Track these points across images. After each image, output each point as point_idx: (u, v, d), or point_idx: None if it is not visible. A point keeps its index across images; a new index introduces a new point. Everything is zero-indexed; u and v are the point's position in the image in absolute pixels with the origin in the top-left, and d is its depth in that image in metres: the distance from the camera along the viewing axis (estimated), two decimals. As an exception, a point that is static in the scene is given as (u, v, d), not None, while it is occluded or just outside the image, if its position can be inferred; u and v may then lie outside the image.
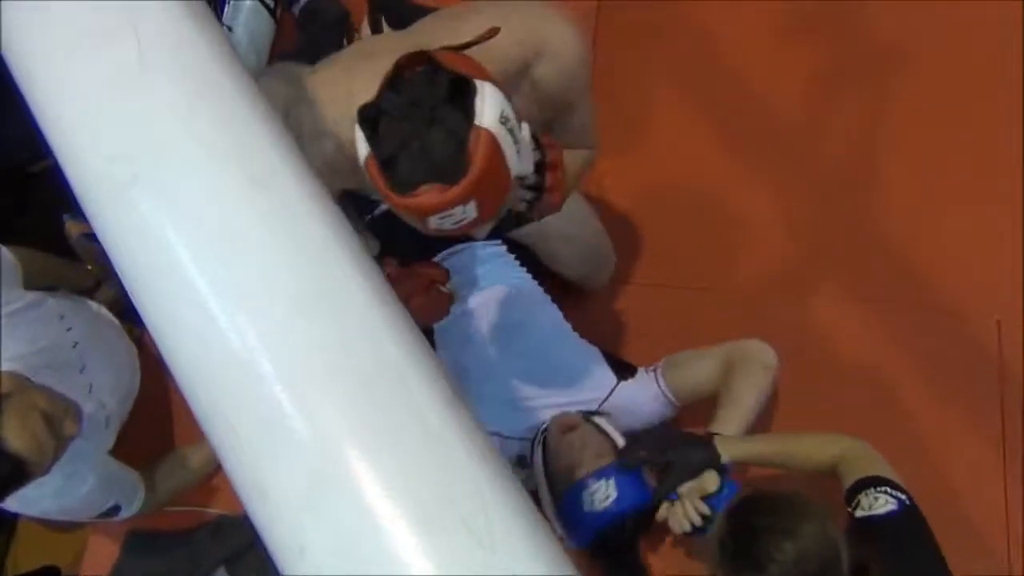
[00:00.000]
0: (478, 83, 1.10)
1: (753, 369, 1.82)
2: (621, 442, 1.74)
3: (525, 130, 1.19)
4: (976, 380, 2.05)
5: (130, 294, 0.69)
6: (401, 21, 2.16)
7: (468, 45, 1.18)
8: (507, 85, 1.17)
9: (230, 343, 0.64)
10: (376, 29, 2.22)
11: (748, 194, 2.21)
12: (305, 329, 0.65)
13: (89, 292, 1.96)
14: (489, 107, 1.09)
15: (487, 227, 1.27)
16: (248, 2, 2.23)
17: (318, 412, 0.64)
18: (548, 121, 1.46)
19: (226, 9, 2.21)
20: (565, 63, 1.36)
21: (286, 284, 0.65)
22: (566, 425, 1.75)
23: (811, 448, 1.66)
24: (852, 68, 2.31)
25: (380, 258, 1.57)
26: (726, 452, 1.66)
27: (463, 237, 1.63)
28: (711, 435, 1.71)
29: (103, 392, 1.78)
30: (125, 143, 0.67)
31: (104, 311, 1.93)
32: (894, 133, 2.25)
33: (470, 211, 1.11)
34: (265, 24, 2.25)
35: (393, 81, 1.11)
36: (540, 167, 1.32)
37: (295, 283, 0.66)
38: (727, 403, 1.79)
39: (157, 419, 2.05)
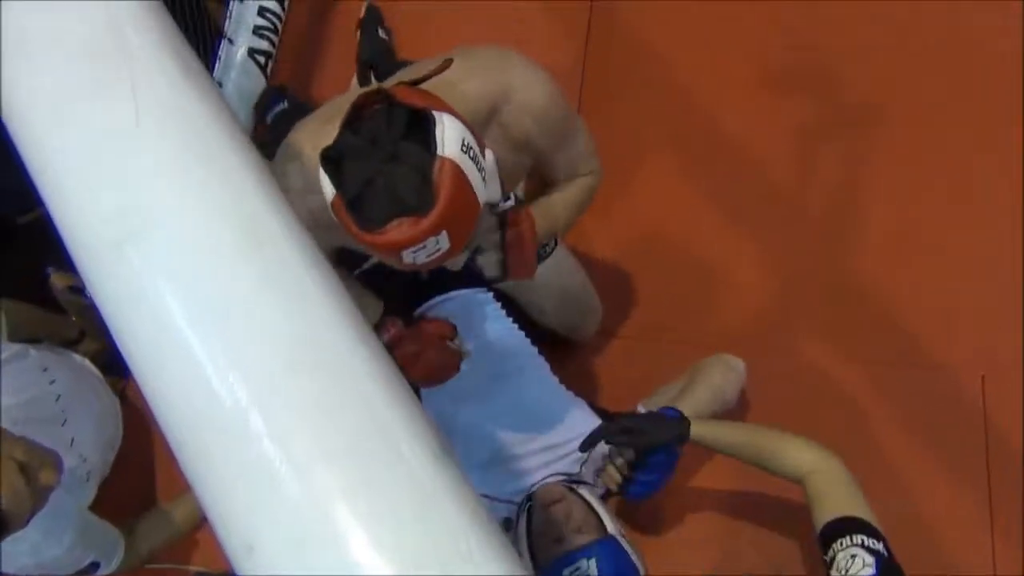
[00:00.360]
0: (436, 114, 1.11)
1: (714, 369, 1.89)
2: (606, 517, 1.71)
3: (489, 157, 1.19)
4: (962, 436, 2.06)
5: (121, 350, 0.69)
6: (389, 75, 2.21)
7: (424, 79, 1.20)
8: (475, 128, 1.19)
9: (222, 400, 0.64)
10: (364, 84, 2.26)
11: (733, 249, 2.24)
12: (297, 387, 0.65)
13: (73, 344, 1.95)
14: (450, 136, 1.10)
15: (462, 258, 1.27)
16: (239, 58, 2.26)
17: (308, 470, 0.63)
18: (531, 164, 1.48)
19: (217, 65, 2.23)
20: (533, 105, 1.38)
21: (279, 342, 0.65)
22: (550, 498, 1.72)
23: (782, 448, 1.61)
24: (833, 122, 2.35)
25: (383, 318, 1.57)
26: (698, 430, 1.65)
27: (449, 279, 1.64)
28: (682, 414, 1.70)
29: (85, 446, 1.76)
30: (120, 200, 0.67)
31: (88, 364, 1.92)
32: (875, 188, 2.28)
33: (443, 242, 1.12)
34: (255, 81, 2.27)
35: (352, 120, 1.13)
36: (502, 224, 1.34)
37: (288, 341, 0.66)
38: (680, 395, 1.84)
39: (139, 474, 2.02)
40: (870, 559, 1.43)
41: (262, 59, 2.30)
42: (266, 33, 2.31)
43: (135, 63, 0.74)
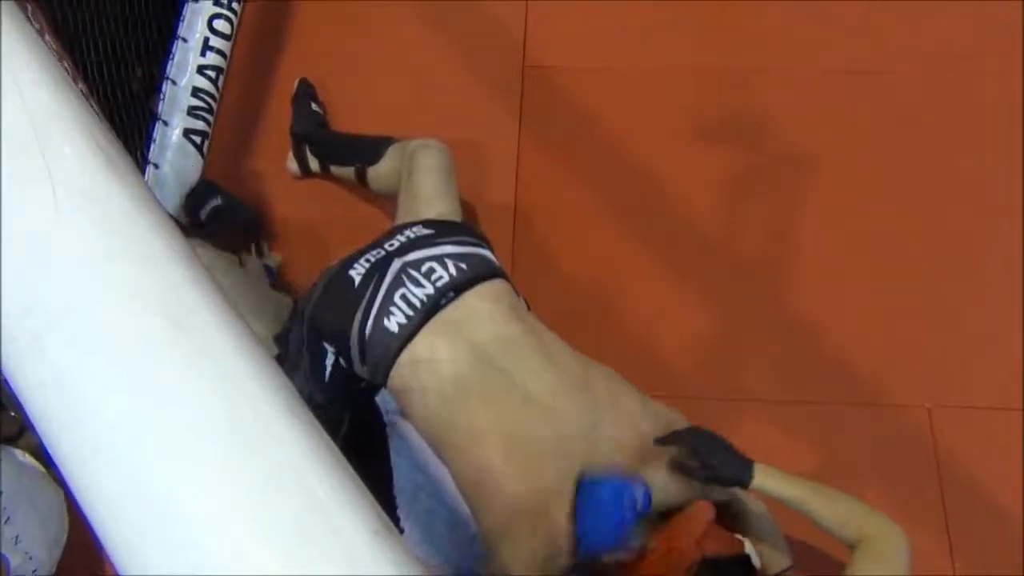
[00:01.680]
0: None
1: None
2: None
3: None
4: (914, 469, 2.08)
5: (46, 445, 0.67)
6: (328, 154, 2.22)
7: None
8: None
9: (154, 490, 0.63)
10: (299, 157, 2.27)
11: (677, 299, 2.27)
12: (232, 471, 0.64)
13: (13, 440, 1.90)
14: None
15: None
16: (175, 139, 2.26)
17: (243, 552, 0.62)
18: None
19: (152, 147, 2.23)
20: None
21: (210, 426, 0.64)
22: None
23: (844, 515, 1.54)
24: (765, 172, 2.41)
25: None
26: (761, 480, 1.57)
27: None
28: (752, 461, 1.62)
29: (30, 543, 1.70)
30: (39, 292, 0.66)
31: (29, 459, 1.86)
32: (808, 234, 2.34)
33: None
34: (192, 160, 2.27)
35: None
36: None
37: (220, 425, 0.65)
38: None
39: (87, 568, 1.96)
40: None
41: (198, 139, 2.30)
42: (201, 113, 2.32)
43: (52, 152, 0.74)
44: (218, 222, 2.15)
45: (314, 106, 2.34)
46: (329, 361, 1.72)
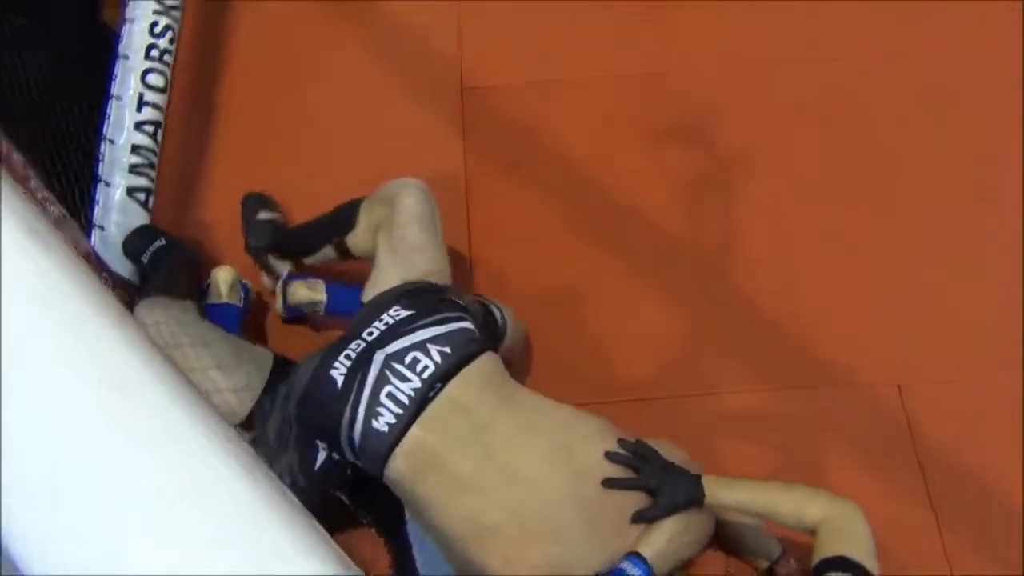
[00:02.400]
0: None
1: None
2: None
3: None
4: (890, 446, 2.10)
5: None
6: (298, 249, 2.16)
7: None
8: None
9: (94, 549, 0.61)
10: (265, 266, 2.23)
11: (638, 302, 2.28)
12: (180, 526, 0.62)
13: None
14: None
15: None
16: (118, 199, 2.23)
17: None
18: None
19: (96, 209, 2.20)
20: None
21: (154, 485, 0.63)
22: None
23: (798, 503, 1.60)
24: (712, 169, 2.44)
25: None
26: (712, 493, 1.63)
27: None
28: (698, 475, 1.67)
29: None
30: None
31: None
32: (761, 225, 2.36)
33: None
34: (138, 218, 2.24)
35: None
36: None
37: (164, 483, 0.63)
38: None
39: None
40: None
41: (142, 195, 2.27)
42: (142, 169, 2.29)
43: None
44: (165, 263, 2.11)
45: (264, 214, 2.24)
46: (321, 456, 1.73)
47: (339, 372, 1.68)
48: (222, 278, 2.12)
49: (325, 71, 2.59)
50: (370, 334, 1.71)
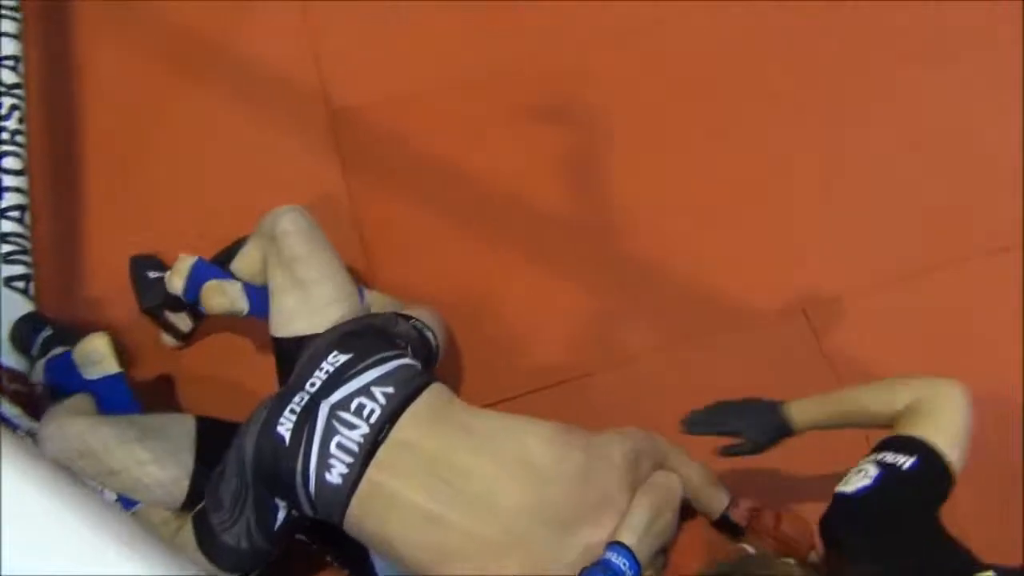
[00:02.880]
0: None
1: None
2: None
3: None
4: (808, 372, 2.16)
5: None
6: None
7: None
8: None
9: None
10: (168, 327, 2.19)
11: (536, 283, 2.31)
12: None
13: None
14: None
15: None
16: (-6, 290, 2.14)
17: None
18: None
19: (-26, 308, 2.11)
20: None
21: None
22: None
23: (888, 395, 1.49)
24: (583, 145, 2.49)
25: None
26: (798, 419, 1.60)
27: None
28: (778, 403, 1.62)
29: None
30: None
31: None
32: (638, 191, 2.42)
33: None
34: (20, 307, 2.16)
35: None
36: None
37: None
38: None
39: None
40: (874, 471, 1.36)
41: (21, 284, 2.19)
42: (16, 256, 2.21)
43: None
44: (54, 347, 2.04)
45: (153, 273, 2.18)
46: (281, 515, 1.70)
47: (285, 428, 1.66)
48: (98, 346, 2.02)
49: (189, 119, 2.53)
50: (312, 385, 1.70)
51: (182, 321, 2.19)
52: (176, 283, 2.05)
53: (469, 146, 2.49)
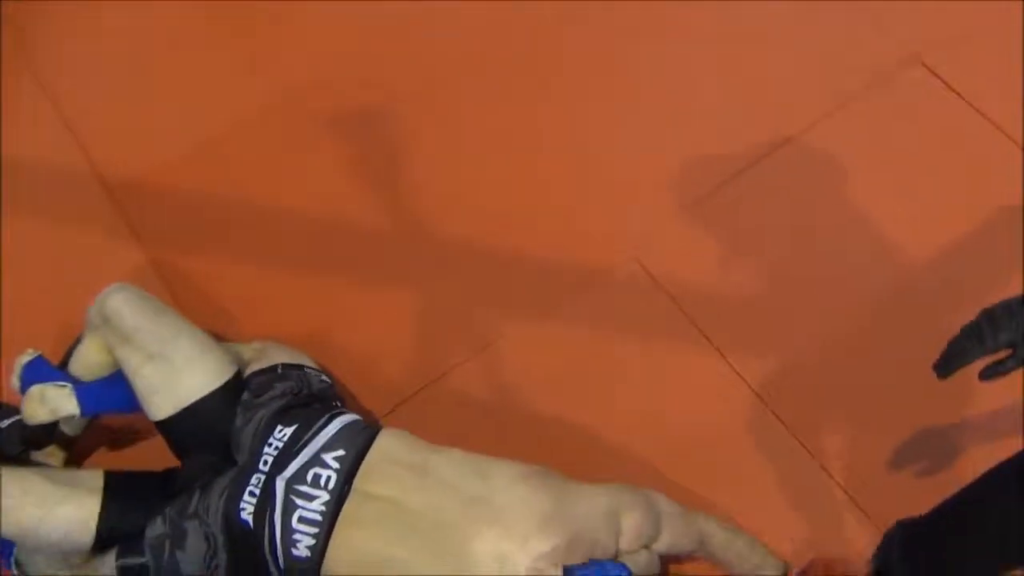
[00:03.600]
0: None
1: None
2: None
3: None
4: (659, 317, 2.20)
5: None
6: (49, 434, 1.97)
7: None
8: None
9: None
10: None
11: (374, 304, 2.27)
12: None
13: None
14: None
15: None
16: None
17: None
18: None
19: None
20: None
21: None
22: None
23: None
24: (375, 143, 2.48)
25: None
26: None
27: None
28: None
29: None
30: None
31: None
32: (444, 174, 2.43)
33: None
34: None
35: None
36: None
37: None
38: None
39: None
40: None
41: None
42: None
43: None
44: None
45: (3, 422, 2.00)
46: None
47: (247, 512, 1.67)
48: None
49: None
50: (265, 463, 1.70)
51: (53, 456, 2.03)
52: (15, 383, 1.94)
53: (264, 181, 2.44)
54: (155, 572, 1.68)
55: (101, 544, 1.68)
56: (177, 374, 1.75)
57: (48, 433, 1.97)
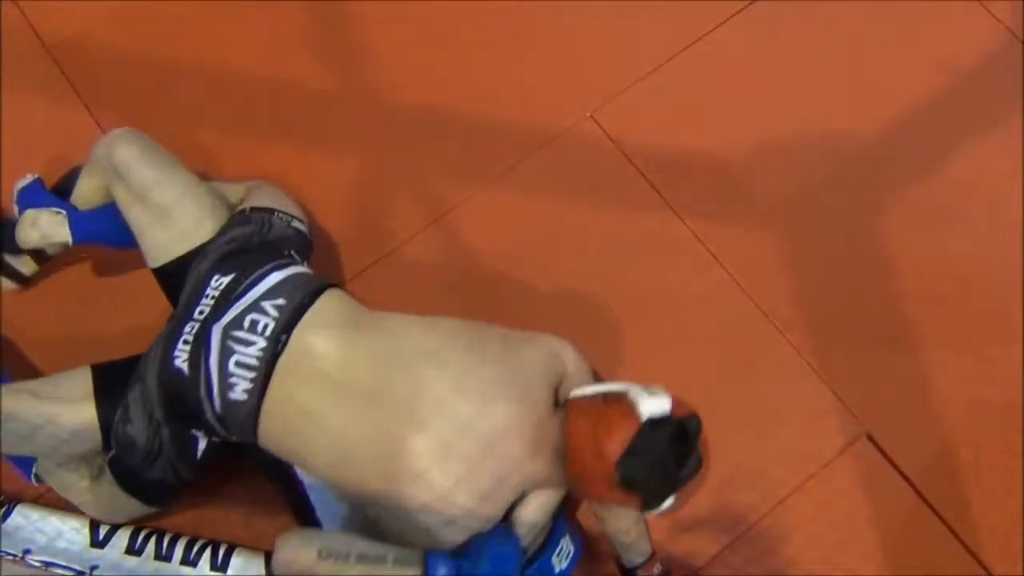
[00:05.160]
0: None
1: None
2: None
3: None
4: (615, 175, 2.21)
5: None
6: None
7: None
8: None
9: None
10: (9, 271, 2.02)
11: (315, 169, 2.22)
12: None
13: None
14: None
15: None
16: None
17: None
18: None
19: None
20: None
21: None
22: None
23: None
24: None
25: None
26: None
27: None
28: None
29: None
30: None
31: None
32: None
33: None
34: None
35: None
36: None
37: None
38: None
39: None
40: None
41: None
42: None
43: None
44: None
45: None
46: (201, 445, 1.72)
47: (182, 360, 1.65)
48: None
49: None
50: (201, 312, 1.68)
51: (24, 264, 2.03)
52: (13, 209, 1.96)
53: (203, 39, 2.34)
54: (122, 455, 1.70)
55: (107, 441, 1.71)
56: (181, 235, 1.76)
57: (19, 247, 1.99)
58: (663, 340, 2.04)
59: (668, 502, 1.56)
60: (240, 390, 1.61)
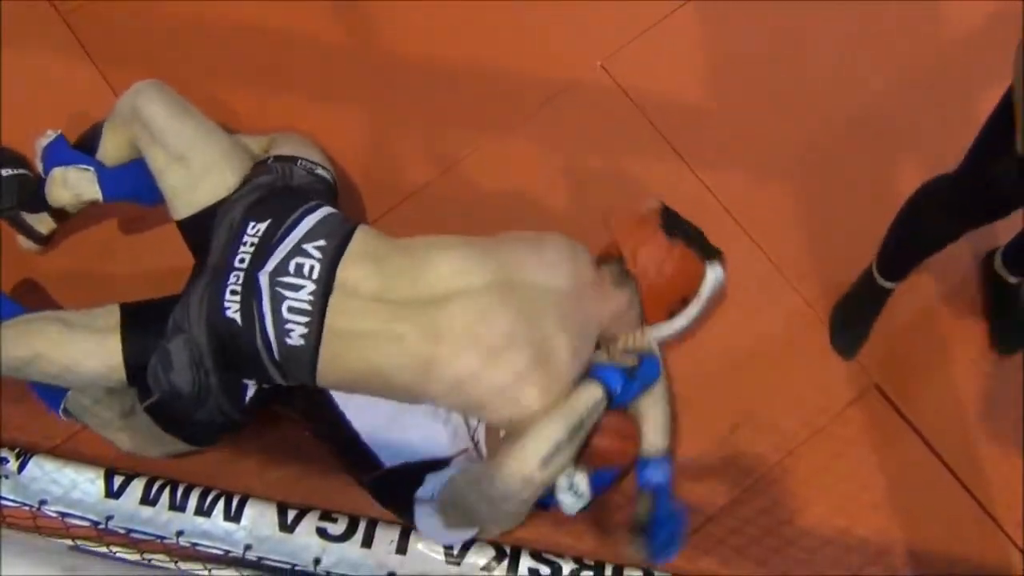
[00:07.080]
0: None
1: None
2: None
3: None
4: (626, 124, 2.19)
5: None
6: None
7: None
8: None
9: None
10: (27, 230, 2.04)
11: (324, 121, 2.21)
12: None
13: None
14: None
15: None
16: None
17: None
18: None
19: None
20: None
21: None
22: None
23: None
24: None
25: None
26: None
27: None
28: None
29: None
30: None
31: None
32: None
33: None
34: None
35: None
36: None
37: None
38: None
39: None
40: None
41: None
42: None
43: None
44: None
45: (7, 171, 1.98)
46: (251, 391, 1.74)
47: (233, 310, 1.66)
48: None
49: None
50: (242, 261, 1.68)
51: (43, 223, 2.02)
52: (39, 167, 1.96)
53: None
54: (165, 401, 1.71)
55: (139, 377, 1.72)
56: (199, 181, 1.76)
57: (44, 201, 1.96)
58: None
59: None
60: (297, 335, 1.64)
